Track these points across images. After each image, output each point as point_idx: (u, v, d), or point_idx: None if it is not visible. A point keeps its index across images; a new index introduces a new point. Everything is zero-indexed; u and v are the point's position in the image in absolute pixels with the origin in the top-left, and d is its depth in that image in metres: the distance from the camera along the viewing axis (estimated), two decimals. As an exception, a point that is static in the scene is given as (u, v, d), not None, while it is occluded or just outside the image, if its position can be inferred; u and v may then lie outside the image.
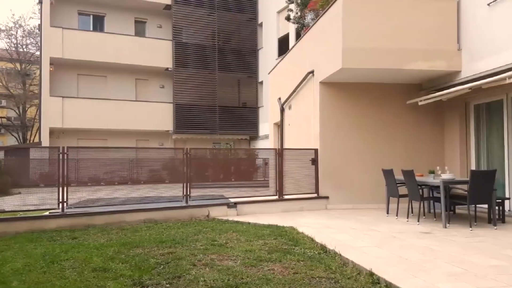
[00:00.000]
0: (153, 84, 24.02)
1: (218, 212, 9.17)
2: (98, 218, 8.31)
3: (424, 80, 10.49)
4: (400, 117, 10.72)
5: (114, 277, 4.67)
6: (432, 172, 8.60)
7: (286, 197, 10.23)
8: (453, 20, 9.39)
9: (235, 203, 9.47)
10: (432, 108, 10.64)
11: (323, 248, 5.90)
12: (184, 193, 9.32)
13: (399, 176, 8.62)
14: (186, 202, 9.26)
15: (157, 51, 22.95)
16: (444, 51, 9.34)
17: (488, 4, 8.49)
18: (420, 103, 10.13)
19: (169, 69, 23.14)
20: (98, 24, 23.66)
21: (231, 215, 9.15)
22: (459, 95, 9.53)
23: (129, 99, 23.05)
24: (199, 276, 4.59)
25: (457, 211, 9.19)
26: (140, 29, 24.35)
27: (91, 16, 23.47)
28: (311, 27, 11.46)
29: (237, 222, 8.29)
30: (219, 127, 23.32)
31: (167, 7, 23.47)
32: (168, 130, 22.98)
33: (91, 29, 23.32)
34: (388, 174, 8.95)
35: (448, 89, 9.30)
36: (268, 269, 4.85)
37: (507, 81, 7.57)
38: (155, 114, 22.69)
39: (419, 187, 8.20)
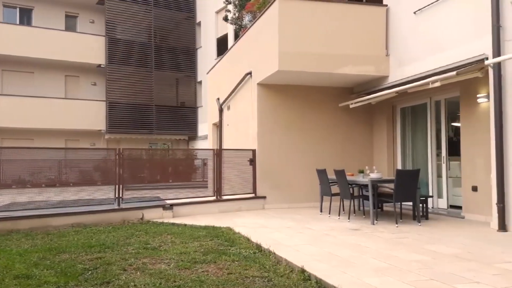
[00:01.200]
0: (84, 81, 22.92)
1: (153, 215, 8.93)
2: (22, 222, 7.78)
3: (355, 84, 10.95)
4: (334, 119, 11.11)
5: (37, 284, 4.38)
6: (361, 171, 8.99)
7: (224, 197, 10.22)
8: (382, 27, 9.89)
9: (171, 205, 9.28)
10: (363, 111, 11.14)
11: (259, 247, 5.95)
12: (116, 195, 8.98)
13: (332, 175, 8.92)
14: (118, 204, 8.93)
15: (89, 47, 21.93)
16: (373, 57, 9.82)
17: (414, 12, 9.04)
18: (351, 106, 10.58)
19: (102, 66, 22.21)
20: (26, 18, 22.19)
21: (167, 217, 8.95)
22: (387, 99, 10.06)
23: (58, 96, 21.82)
24: (130, 281, 4.43)
25: (384, 208, 9.67)
26: (71, 24, 23.14)
27: (18, 9, 21.96)
28: (249, 28, 11.55)
29: (172, 224, 8.13)
30: (156, 127, 22.75)
31: (100, 1, 22.50)
32: (101, 130, 22.05)
33: (18, 22, 21.83)
34: (321, 173, 9.23)
35: (377, 93, 9.78)
36: (202, 271, 4.80)
37: (430, 85, 8.09)
38: (86, 112, 21.66)
39: (349, 186, 8.53)
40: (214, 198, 10.14)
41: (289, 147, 10.77)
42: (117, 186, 9.02)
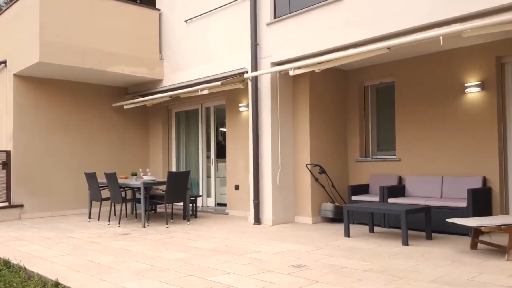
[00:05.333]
0: None
1: None
2: None
3: (130, 84, 10.73)
4: (107, 119, 10.60)
5: None
6: (134, 174, 8.83)
7: (-34, 209, 8.48)
8: (155, 30, 9.98)
9: None
10: (139, 113, 11.03)
11: (7, 263, 5.16)
12: None
13: (104, 179, 8.46)
14: None
15: None
16: (147, 59, 9.81)
17: (186, 21, 9.43)
18: (125, 107, 10.35)
19: None
20: None
21: None
22: (162, 102, 10.22)
23: None
24: None
25: (158, 210, 9.76)
26: None
27: None
28: (4, 11, 9.97)
29: None
30: None
31: None
32: None
33: None
34: (90, 177, 8.65)
35: (152, 95, 9.82)
36: None
37: (200, 92, 8.59)
38: None
39: (122, 189, 8.27)
40: (-49, 210, 8.31)
41: (54, 149, 9.73)
42: None
